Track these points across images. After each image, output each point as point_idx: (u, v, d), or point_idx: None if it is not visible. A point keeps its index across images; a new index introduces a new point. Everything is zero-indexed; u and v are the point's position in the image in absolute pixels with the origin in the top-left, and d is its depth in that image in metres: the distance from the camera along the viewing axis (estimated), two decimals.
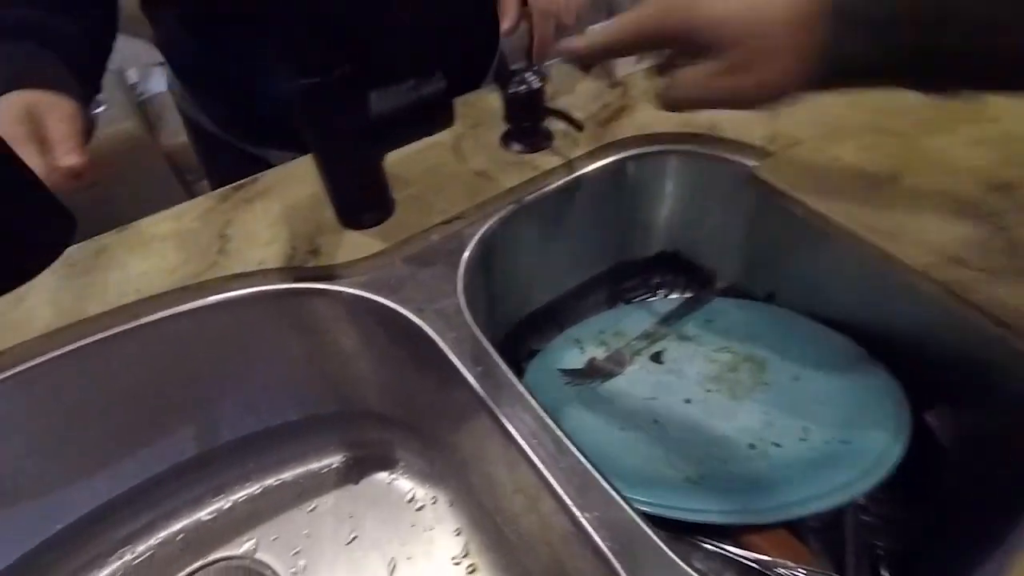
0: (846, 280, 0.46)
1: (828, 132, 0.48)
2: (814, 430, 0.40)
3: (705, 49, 0.28)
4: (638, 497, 0.37)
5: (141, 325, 0.40)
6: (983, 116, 0.47)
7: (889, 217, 0.39)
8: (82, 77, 0.44)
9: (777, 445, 0.40)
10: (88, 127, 0.42)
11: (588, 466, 0.31)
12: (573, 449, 0.32)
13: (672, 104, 0.31)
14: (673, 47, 0.31)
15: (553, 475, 0.31)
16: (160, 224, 0.46)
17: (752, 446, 0.40)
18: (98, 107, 0.56)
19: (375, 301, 0.41)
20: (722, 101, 0.29)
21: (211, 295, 0.41)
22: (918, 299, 0.37)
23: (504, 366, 0.36)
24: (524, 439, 0.32)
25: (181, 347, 0.42)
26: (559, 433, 0.32)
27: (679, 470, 0.39)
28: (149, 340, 0.41)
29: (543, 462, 0.31)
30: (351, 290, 0.42)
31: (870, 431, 0.37)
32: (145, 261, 0.43)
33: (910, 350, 0.43)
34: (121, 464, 0.46)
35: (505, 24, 0.49)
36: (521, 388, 0.35)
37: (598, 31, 0.32)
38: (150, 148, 1.33)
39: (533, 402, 0.34)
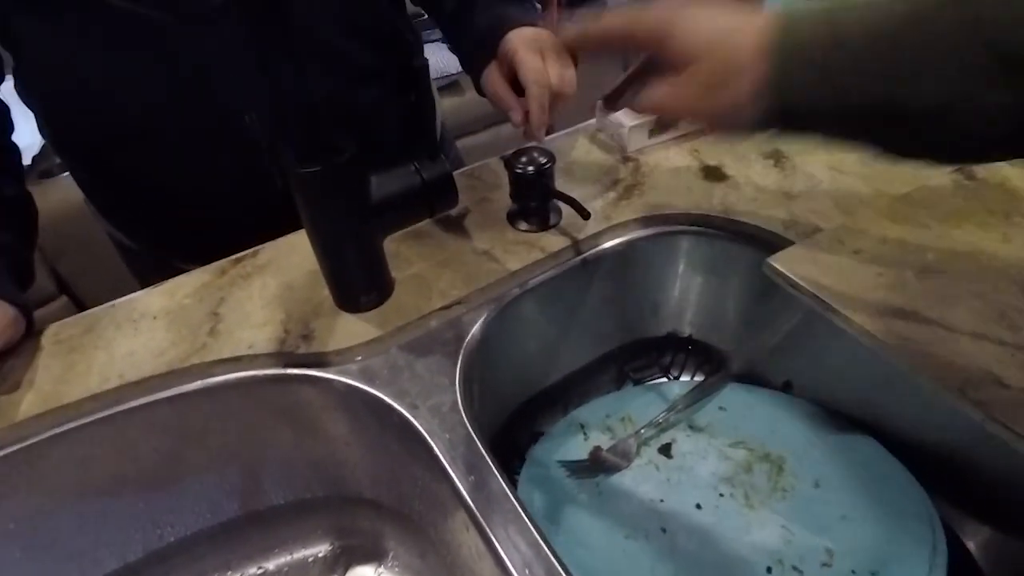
0: (870, 379, 0.43)
1: (850, 220, 0.45)
2: (838, 554, 0.36)
3: (679, 60, 0.30)
4: None
5: (121, 412, 0.38)
6: (1016, 209, 0.45)
7: (918, 323, 0.36)
8: (19, 277, 0.44)
9: (798, 571, 0.36)
10: (22, 327, 0.42)
11: None
12: None
13: (648, 107, 0.33)
14: (652, 49, 0.33)
15: None
16: (153, 300, 0.45)
17: (769, 570, 0.36)
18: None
19: (367, 392, 0.39)
20: (688, 110, 0.32)
21: (195, 380, 0.39)
22: (953, 416, 0.34)
23: (499, 476, 0.33)
24: (516, 569, 0.29)
25: (161, 433, 0.40)
26: (554, 562, 0.29)
27: None
28: (128, 427, 0.39)
29: None
30: (343, 379, 0.40)
31: (900, 563, 0.33)
32: (133, 340, 0.42)
33: (944, 463, 0.39)
34: (95, 552, 0.43)
35: (515, 117, 0.47)
36: (515, 503, 0.32)
37: (590, 22, 0.34)
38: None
39: (528, 522, 0.31)
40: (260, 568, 0.49)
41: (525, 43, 0.46)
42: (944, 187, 0.48)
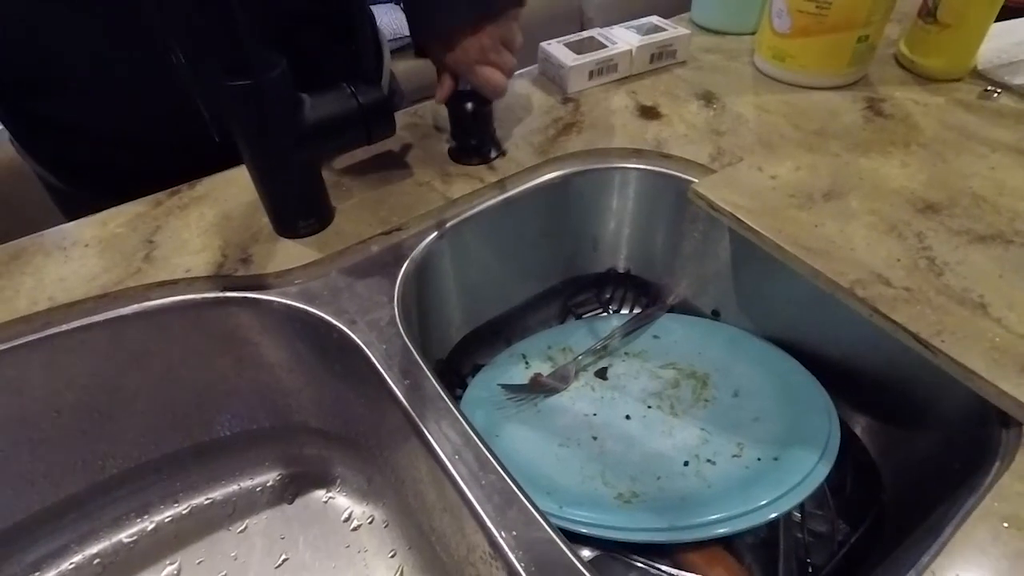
0: (786, 297, 0.46)
1: (769, 151, 0.48)
2: (748, 447, 0.40)
3: None
4: (571, 515, 0.36)
5: (52, 335, 0.38)
6: (914, 140, 0.48)
7: (820, 235, 0.40)
8: None
9: (711, 462, 0.39)
10: None
11: (510, 483, 0.30)
12: (496, 466, 0.31)
13: None
14: None
15: (473, 493, 0.30)
16: (84, 229, 0.44)
17: (686, 463, 0.40)
18: None
19: (307, 311, 0.40)
20: None
21: (130, 304, 0.39)
22: (848, 316, 0.37)
23: (433, 379, 0.35)
24: (447, 456, 0.31)
25: (98, 359, 0.40)
26: (483, 449, 0.31)
27: (612, 487, 0.38)
28: (61, 351, 0.39)
29: (464, 479, 0.30)
30: (281, 300, 0.40)
31: (800, 449, 0.37)
32: (63, 267, 0.41)
33: (845, 366, 0.43)
34: (33, 483, 0.43)
35: (438, 95, 0.47)
36: (448, 402, 0.34)
37: None
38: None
39: (459, 416, 0.33)
40: (208, 499, 0.49)
41: (464, 65, 0.45)
42: (856, 123, 0.51)
